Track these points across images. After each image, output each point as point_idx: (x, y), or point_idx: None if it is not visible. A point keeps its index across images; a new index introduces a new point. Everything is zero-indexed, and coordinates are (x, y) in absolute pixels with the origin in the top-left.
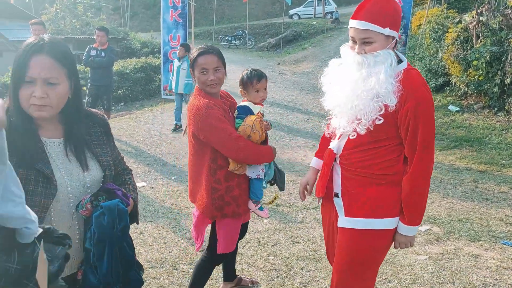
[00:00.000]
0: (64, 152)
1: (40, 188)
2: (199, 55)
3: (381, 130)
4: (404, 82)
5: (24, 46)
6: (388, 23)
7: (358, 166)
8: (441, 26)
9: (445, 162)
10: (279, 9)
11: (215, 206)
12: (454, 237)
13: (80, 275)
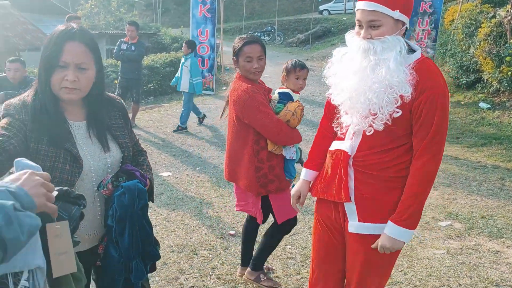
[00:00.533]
0: (87, 134)
1: (68, 166)
2: (244, 45)
3: (399, 125)
4: (420, 71)
5: (57, 33)
6: (399, 5)
7: (375, 169)
8: (474, 21)
9: (472, 159)
10: (309, 5)
11: (260, 183)
12: (476, 233)
13: (102, 250)
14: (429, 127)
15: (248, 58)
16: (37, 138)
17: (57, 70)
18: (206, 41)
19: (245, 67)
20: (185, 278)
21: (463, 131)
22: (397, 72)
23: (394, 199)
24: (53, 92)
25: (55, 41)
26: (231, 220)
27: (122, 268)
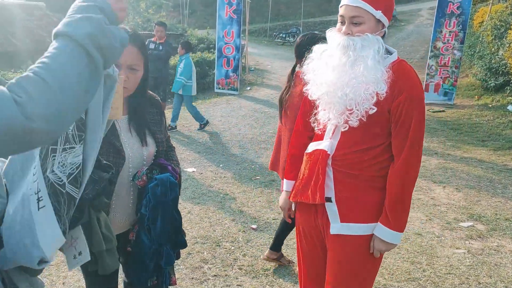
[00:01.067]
0: (128, 128)
1: (111, 158)
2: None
3: (377, 124)
4: (397, 72)
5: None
6: (382, 6)
7: (355, 168)
8: (504, 22)
9: (498, 162)
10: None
11: None
12: (498, 235)
13: (132, 236)
14: (408, 127)
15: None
16: None
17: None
18: (232, 41)
19: None
20: (208, 267)
21: (490, 134)
22: (374, 69)
23: (376, 199)
24: None
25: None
26: (253, 215)
27: (153, 254)
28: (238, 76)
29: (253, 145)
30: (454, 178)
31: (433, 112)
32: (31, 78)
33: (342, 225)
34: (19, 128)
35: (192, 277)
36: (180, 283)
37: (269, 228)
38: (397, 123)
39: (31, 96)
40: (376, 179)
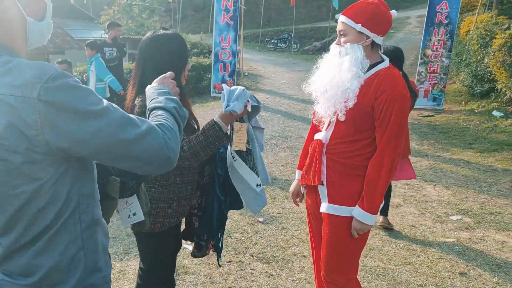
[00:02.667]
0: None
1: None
2: None
3: (362, 120)
4: (384, 76)
5: (181, 38)
6: (362, 20)
7: (343, 157)
8: (489, 32)
9: (484, 163)
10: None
11: None
12: (484, 227)
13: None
14: (386, 124)
15: None
16: None
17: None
18: (228, 47)
19: None
20: (223, 254)
21: (476, 137)
22: (348, 71)
23: (360, 186)
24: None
25: (183, 46)
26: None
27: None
28: (234, 80)
29: None
30: (444, 178)
31: (423, 117)
32: (164, 125)
33: (329, 206)
34: (162, 157)
35: (209, 262)
36: (198, 268)
37: (274, 221)
38: (378, 119)
39: (169, 138)
40: (361, 168)
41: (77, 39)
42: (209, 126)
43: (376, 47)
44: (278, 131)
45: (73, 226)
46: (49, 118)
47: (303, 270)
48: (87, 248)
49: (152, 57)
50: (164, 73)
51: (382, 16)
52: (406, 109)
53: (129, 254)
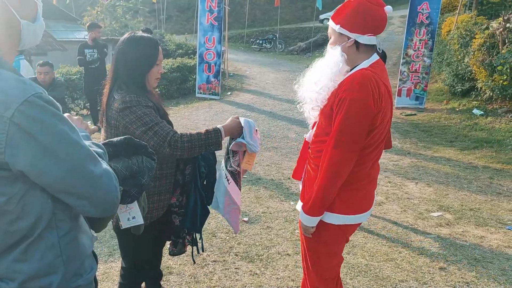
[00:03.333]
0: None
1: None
2: None
3: (326, 119)
4: (349, 77)
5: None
6: (340, 20)
7: (315, 156)
8: (469, 32)
9: (464, 160)
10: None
11: None
12: (464, 223)
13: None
14: (335, 123)
15: None
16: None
17: (154, 67)
18: (213, 47)
19: None
20: (207, 254)
21: (457, 135)
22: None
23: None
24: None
25: (152, 48)
26: (244, 210)
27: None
28: (219, 81)
29: None
30: (425, 175)
31: (405, 116)
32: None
33: (299, 203)
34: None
35: (193, 262)
36: (183, 268)
37: (259, 220)
38: (333, 119)
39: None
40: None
41: (60, 40)
42: (213, 130)
43: (364, 47)
44: (263, 131)
45: (49, 234)
46: (14, 141)
47: (287, 268)
48: (65, 254)
49: (122, 56)
50: (132, 72)
51: (363, 14)
52: (352, 113)
53: (113, 256)
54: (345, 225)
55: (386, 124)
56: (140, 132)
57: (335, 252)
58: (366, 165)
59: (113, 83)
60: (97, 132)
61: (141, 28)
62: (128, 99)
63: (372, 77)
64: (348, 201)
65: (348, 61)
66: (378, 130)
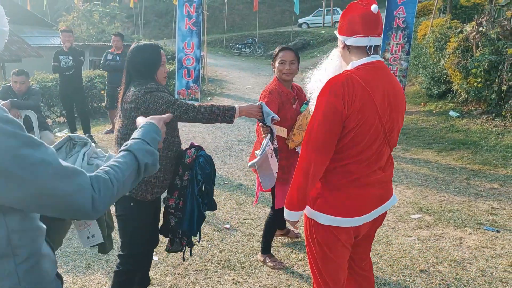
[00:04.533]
0: None
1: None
2: (280, 50)
3: None
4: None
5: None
6: (338, 24)
7: None
8: (444, 35)
9: (442, 162)
10: (289, 18)
11: None
12: (443, 224)
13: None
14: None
15: (282, 61)
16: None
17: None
18: (192, 53)
19: (279, 68)
20: (189, 263)
21: (435, 137)
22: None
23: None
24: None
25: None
26: (225, 217)
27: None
28: (199, 86)
29: (219, 152)
30: (405, 177)
31: None
32: (107, 182)
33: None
34: (84, 214)
35: (174, 272)
36: (164, 278)
37: (241, 227)
38: None
39: (102, 196)
40: None
41: (35, 46)
42: (230, 107)
43: (355, 49)
44: (244, 136)
45: (6, 263)
46: None
47: (269, 275)
48: (25, 281)
49: (131, 64)
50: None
51: (348, 17)
52: (320, 115)
53: (92, 268)
54: (334, 227)
55: (370, 128)
56: (164, 108)
57: (330, 256)
58: (349, 168)
59: (127, 84)
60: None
61: (113, 32)
62: (149, 86)
63: (346, 79)
64: (334, 204)
65: (345, 62)
66: (357, 133)
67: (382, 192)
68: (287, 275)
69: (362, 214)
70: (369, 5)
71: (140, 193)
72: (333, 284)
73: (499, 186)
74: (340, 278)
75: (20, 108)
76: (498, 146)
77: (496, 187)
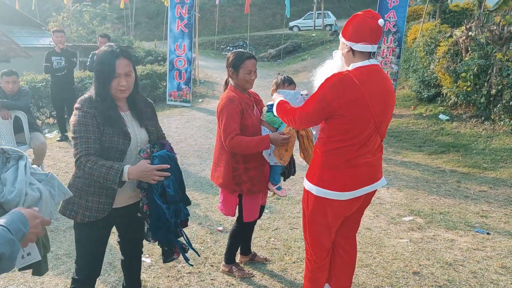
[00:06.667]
0: (132, 119)
1: (121, 139)
2: (247, 59)
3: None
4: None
5: (107, 53)
6: (343, 31)
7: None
8: (434, 40)
9: (433, 165)
10: (280, 21)
11: (235, 182)
12: (434, 226)
13: (146, 208)
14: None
15: (249, 71)
16: (102, 123)
17: (114, 79)
18: (184, 55)
19: (245, 78)
20: (182, 266)
21: (425, 140)
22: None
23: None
24: (111, 93)
25: (107, 59)
26: (218, 219)
27: (172, 212)
28: (190, 88)
29: (210, 154)
30: (396, 180)
31: None
32: None
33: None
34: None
35: (168, 275)
36: (157, 281)
37: None
38: None
39: None
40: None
41: (24, 46)
42: (116, 168)
43: (360, 53)
44: None
45: None
46: None
47: (263, 277)
48: None
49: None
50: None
51: (356, 26)
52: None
53: None
54: (326, 199)
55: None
56: (71, 135)
57: (318, 222)
58: (342, 151)
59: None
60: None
61: (99, 34)
62: (78, 100)
63: (342, 77)
64: (328, 180)
65: (346, 64)
66: (348, 122)
67: (371, 173)
68: (281, 277)
69: (351, 190)
70: (376, 19)
71: (69, 212)
72: (318, 246)
73: (489, 188)
74: (324, 243)
75: (10, 109)
76: (487, 149)
77: (486, 190)
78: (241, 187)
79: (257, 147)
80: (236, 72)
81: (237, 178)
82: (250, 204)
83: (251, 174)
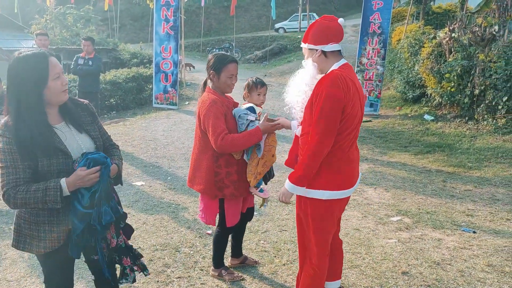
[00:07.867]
0: (68, 129)
1: (61, 159)
2: (230, 62)
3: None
4: (321, 78)
5: (34, 56)
6: (307, 39)
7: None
8: (418, 41)
9: (419, 165)
10: (265, 23)
11: (217, 187)
12: (422, 226)
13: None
14: (314, 114)
15: (231, 75)
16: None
17: (53, 80)
18: (170, 57)
19: (226, 82)
20: (171, 271)
21: (411, 141)
22: (298, 82)
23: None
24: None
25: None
26: None
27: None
28: (176, 91)
29: None
30: (383, 180)
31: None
32: None
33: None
34: None
35: (157, 280)
36: (147, 286)
37: None
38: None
39: None
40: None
41: (6, 49)
42: (53, 187)
43: (331, 54)
44: None
45: None
46: None
47: (253, 281)
48: None
49: (12, 82)
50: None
51: (322, 29)
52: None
53: None
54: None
55: (356, 112)
56: None
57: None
58: (344, 147)
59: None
60: None
61: (83, 37)
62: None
63: (340, 75)
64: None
65: (319, 68)
66: (349, 117)
67: (357, 167)
68: (271, 280)
69: (352, 186)
70: (335, 21)
71: (22, 246)
72: (325, 252)
73: (474, 187)
74: (328, 246)
75: None
76: (472, 149)
77: (471, 189)
78: (224, 191)
79: (250, 140)
80: (218, 74)
81: (219, 182)
82: (233, 209)
83: (233, 178)
